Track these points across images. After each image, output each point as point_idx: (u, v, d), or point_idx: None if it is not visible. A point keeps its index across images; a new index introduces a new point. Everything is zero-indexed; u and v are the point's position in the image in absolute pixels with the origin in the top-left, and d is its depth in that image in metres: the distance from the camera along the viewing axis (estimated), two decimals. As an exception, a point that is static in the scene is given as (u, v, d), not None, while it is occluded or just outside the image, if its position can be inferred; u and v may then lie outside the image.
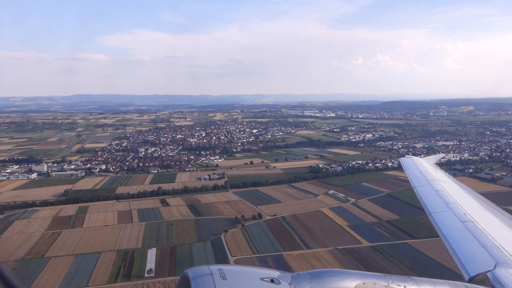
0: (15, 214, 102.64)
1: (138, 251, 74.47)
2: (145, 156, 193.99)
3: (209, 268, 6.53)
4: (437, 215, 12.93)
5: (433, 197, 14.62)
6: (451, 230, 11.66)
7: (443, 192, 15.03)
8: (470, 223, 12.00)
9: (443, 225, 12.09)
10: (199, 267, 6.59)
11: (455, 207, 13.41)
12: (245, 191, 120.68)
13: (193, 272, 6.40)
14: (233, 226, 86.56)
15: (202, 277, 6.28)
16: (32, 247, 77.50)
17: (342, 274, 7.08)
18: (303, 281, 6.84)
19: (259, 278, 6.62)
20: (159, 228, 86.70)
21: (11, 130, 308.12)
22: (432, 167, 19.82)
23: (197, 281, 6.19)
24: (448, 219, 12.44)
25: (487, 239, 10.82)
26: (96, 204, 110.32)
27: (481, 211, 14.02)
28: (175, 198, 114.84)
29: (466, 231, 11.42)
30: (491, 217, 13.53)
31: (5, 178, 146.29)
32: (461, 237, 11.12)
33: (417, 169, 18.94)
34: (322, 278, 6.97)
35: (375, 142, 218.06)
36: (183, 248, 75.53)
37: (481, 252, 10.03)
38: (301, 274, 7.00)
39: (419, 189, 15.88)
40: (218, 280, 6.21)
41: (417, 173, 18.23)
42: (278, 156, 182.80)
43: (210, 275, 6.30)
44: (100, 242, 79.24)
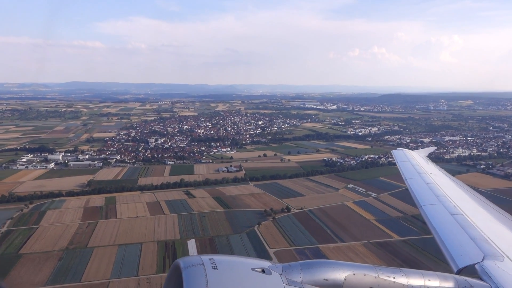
0: (43, 204, 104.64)
1: (177, 242, 77.25)
2: (156, 147, 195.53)
3: (200, 258, 6.61)
4: (428, 207, 13.01)
5: (424, 190, 14.75)
6: (440, 222, 11.76)
7: (434, 185, 15.17)
8: (459, 215, 12.12)
9: (433, 217, 12.19)
10: (191, 257, 6.72)
11: (445, 200, 13.52)
12: (265, 184, 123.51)
13: (184, 262, 6.52)
14: (264, 219, 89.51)
15: (193, 267, 6.37)
16: (72, 237, 79.88)
17: (332, 265, 7.30)
18: (294, 271, 6.96)
19: (250, 269, 6.72)
20: (192, 220, 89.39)
21: (15, 118, 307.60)
22: (423, 160, 20.12)
23: (188, 271, 6.28)
24: (438, 212, 12.53)
25: (476, 231, 10.94)
26: (121, 195, 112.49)
27: (471, 204, 14.20)
28: (198, 190, 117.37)
29: (455, 224, 11.53)
30: (481, 210, 13.71)
31: (23, 167, 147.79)
32: (450, 229, 11.25)
33: (409, 161, 19.15)
34: (312, 269, 7.12)
35: (382, 136, 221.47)
36: (221, 240, 78.47)
37: (469, 245, 10.18)
38: (292, 264, 7.18)
39: (410, 182, 16.05)
40: (210, 270, 6.30)
41: (408, 166, 18.46)
42: (288, 149, 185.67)
43: (201, 265, 6.40)
44: (138, 233, 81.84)
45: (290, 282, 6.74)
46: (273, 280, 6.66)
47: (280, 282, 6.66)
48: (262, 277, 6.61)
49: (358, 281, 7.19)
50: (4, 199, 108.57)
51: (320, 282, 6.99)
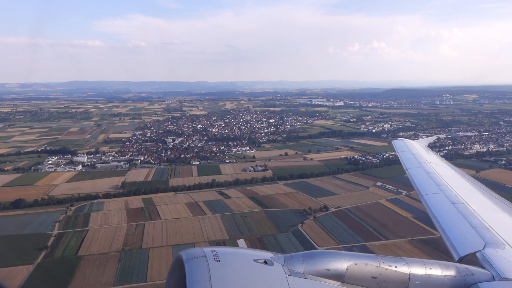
0: (84, 207, 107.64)
1: (228, 242, 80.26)
2: (175, 147, 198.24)
3: (202, 250, 6.69)
4: (428, 197, 13.09)
5: (425, 179, 14.84)
6: (441, 211, 11.81)
7: (434, 174, 15.20)
8: (460, 204, 12.11)
9: (434, 206, 12.26)
10: (193, 249, 6.78)
11: (446, 189, 13.51)
12: (294, 183, 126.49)
13: (187, 254, 6.59)
14: (305, 218, 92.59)
15: (196, 259, 6.44)
16: (125, 239, 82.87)
17: (334, 255, 7.33)
18: (296, 262, 7.01)
19: (252, 260, 6.77)
20: (235, 220, 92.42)
21: (28, 120, 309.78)
22: (424, 150, 20.14)
23: (191, 263, 6.35)
24: (439, 201, 12.56)
25: (477, 220, 10.92)
26: (156, 196, 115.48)
27: (472, 192, 14.25)
28: (230, 190, 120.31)
29: (456, 213, 11.52)
30: (482, 199, 13.73)
31: (52, 170, 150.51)
32: (451, 218, 11.25)
33: (409, 151, 19.18)
34: (314, 259, 7.16)
35: (396, 132, 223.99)
36: (269, 239, 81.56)
37: (471, 233, 10.16)
38: (294, 255, 7.23)
39: (411, 172, 16.19)
40: (212, 262, 6.36)
41: (409, 156, 18.53)
42: (305, 147, 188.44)
43: (204, 257, 6.47)
44: (187, 234, 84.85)
45: (292, 273, 6.83)
46: (275, 270, 6.75)
47: (282, 273, 6.74)
48: (264, 268, 6.70)
49: (360, 270, 7.29)
50: (44, 202, 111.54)
51: (322, 272, 7.08)
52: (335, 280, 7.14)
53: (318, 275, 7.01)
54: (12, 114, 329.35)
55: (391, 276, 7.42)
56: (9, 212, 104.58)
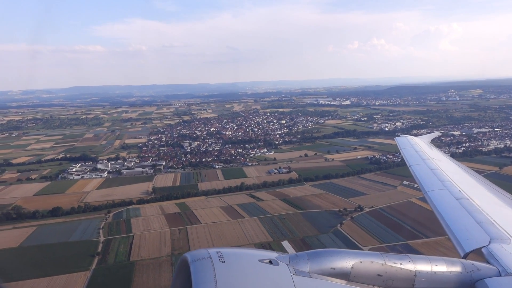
0: (121, 213, 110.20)
1: (272, 244, 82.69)
2: (193, 151, 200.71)
3: (207, 251, 6.73)
4: (433, 193, 13.10)
5: (429, 176, 14.90)
6: (446, 207, 11.81)
7: (438, 171, 15.22)
8: (465, 200, 12.11)
9: (438, 202, 12.28)
10: (198, 251, 6.85)
11: (450, 184, 13.53)
12: (321, 184, 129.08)
13: (192, 256, 6.65)
14: (342, 218, 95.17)
15: (201, 260, 6.49)
16: (172, 243, 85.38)
17: (339, 254, 7.38)
18: (301, 261, 7.05)
19: (258, 260, 6.80)
20: (274, 222, 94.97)
21: (40, 127, 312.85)
22: (427, 146, 20.14)
23: (196, 264, 6.40)
24: (444, 197, 12.57)
25: (482, 215, 10.90)
26: (189, 201, 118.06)
27: (476, 188, 14.29)
28: (260, 192, 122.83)
29: (461, 208, 11.51)
30: (486, 194, 13.78)
31: (79, 177, 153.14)
32: (456, 214, 11.26)
33: (412, 148, 19.25)
34: (320, 258, 7.21)
35: (409, 130, 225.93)
36: (312, 240, 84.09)
37: (476, 229, 10.15)
38: (299, 254, 7.27)
39: (414, 168, 16.17)
40: (217, 263, 6.39)
41: (412, 152, 18.58)
42: (321, 148, 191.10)
43: (209, 258, 6.51)
44: (231, 237, 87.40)
45: (297, 272, 6.85)
46: (281, 270, 6.77)
47: (287, 273, 6.77)
48: (269, 268, 6.73)
49: (365, 268, 7.33)
50: (80, 209, 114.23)
51: (328, 271, 7.11)
52: (341, 278, 7.22)
53: (323, 274, 7.08)
54: (24, 122, 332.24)
55: (397, 273, 7.50)
56: (48, 220, 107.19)
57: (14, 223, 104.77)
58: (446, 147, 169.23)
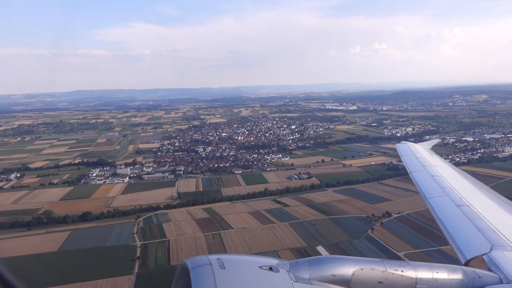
0: (149, 218, 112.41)
1: (308, 249, 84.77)
2: (208, 156, 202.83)
3: (208, 258, 6.73)
4: (433, 200, 13.18)
5: (429, 182, 14.96)
6: (447, 214, 11.81)
7: (439, 177, 15.28)
8: (466, 207, 12.09)
9: (439, 209, 12.30)
10: (198, 257, 6.85)
11: (451, 191, 13.57)
12: (343, 189, 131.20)
13: (192, 262, 6.65)
14: (371, 224, 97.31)
15: (201, 267, 6.49)
16: (208, 247, 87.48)
17: (340, 261, 7.37)
18: (302, 268, 7.04)
19: (258, 267, 6.81)
20: (305, 228, 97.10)
21: (51, 132, 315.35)
22: (427, 153, 20.11)
23: (196, 271, 6.41)
24: (444, 204, 12.60)
25: (483, 222, 10.88)
26: (216, 206, 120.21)
27: (477, 195, 14.23)
28: (284, 198, 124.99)
29: (462, 215, 11.50)
30: (487, 201, 13.69)
31: (101, 182, 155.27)
32: (457, 221, 11.22)
33: (413, 155, 19.31)
34: (320, 265, 7.20)
35: (421, 136, 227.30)
36: (346, 245, 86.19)
37: (477, 236, 10.14)
38: (299, 261, 7.28)
39: (415, 175, 16.21)
40: (217, 270, 6.40)
41: (412, 159, 18.62)
42: (337, 154, 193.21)
43: (209, 264, 6.51)
44: (265, 242, 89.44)
45: (298, 279, 6.85)
46: (281, 277, 6.78)
47: (288, 279, 6.77)
48: (270, 274, 6.74)
49: (366, 275, 7.32)
50: (110, 214, 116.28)
51: (328, 278, 7.10)
52: (341, 285, 7.23)
53: (324, 281, 7.08)
54: (34, 126, 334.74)
55: (398, 280, 7.49)
56: (79, 225, 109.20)
57: (46, 228, 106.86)
58: (461, 153, 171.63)
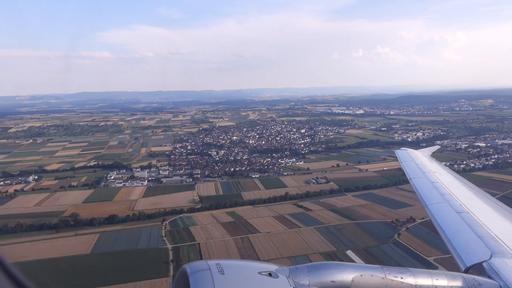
0: (175, 221, 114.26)
1: (337, 254, 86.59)
2: (222, 160, 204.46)
3: (207, 263, 6.76)
4: (433, 206, 13.15)
5: (429, 189, 14.89)
6: (447, 221, 11.81)
7: (438, 184, 15.28)
8: (465, 214, 12.10)
9: (439, 216, 12.28)
10: (197, 262, 6.90)
11: (451, 198, 13.58)
12: (362, 194, 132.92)
13: (191, 267, 6.68)
14: (397, 229, 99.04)
15: (200, 272, 6.51)
16: (239, 251, 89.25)
17: (339, 267, 7.40)
18: (301, 274, 7.10)
19: (257, 272, 6.85)
20: (331, 232, 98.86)
21: (62, 134, 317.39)
22: (427, 159, 20.15)
23: (195, 276, 6.43)
24: (444, 211, 12.59)
25: (483, 229, 10.91)
26: (238, 210, 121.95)
27: (476, 202, 14.21)
28: (305, 202, 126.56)
29: (462, 222, 11.50)
30: (487, 208, 13.68)
31: (121, 185, 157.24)
32: (457, 228, 11.24)
33: (413, 161, 19.34)
34: (319, 271, 7.23)
35: (432, 141, 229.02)
36: (375, 250, 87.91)
37: (477, 243, 10.14)
38: (298, 267, 7.33)
39: (415, 181, 16.19)
40: (216, 275, 6.44)
41: (412, 165, 18.63)
42: (351, 158, 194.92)
43: (208, 269, 6.55)
44: (294, 246, 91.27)
45: (297, 285, 6.86)
46: (280, 283, 6.79)
47: (287, 285, 6.78)
48: (269, 280, 6.76)
49: (365, 282, 7.35)
50: (135, 217, 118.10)
51: (328, 284, 7.12)
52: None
53: (323, 287, 7.11)
54: (45, 128, 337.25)
55: (397, 287, 7.51)
56: (106, 227, 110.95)
57: (74, 230, 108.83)
58: (475, 158, 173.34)
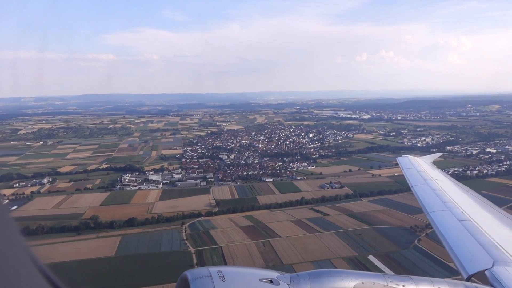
0: (193, 224, 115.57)
1: (360, 258, 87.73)
2: (233, 164, 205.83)
3: (208, 270, 6.80)
4: (435, 214, 13.14)
5: (431, 196, 14.92)
6: (449, 229, 11.81)
7: (440, 191, 15.30)
8: (467, 221, 12.09)
9: (441, 224, 12.28)
10: (198, 269, 6.96)
11: (453, 206, 13.59)
12: (377, 200, 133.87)
13: (192, 274, 6.72)
14: (416, 235, 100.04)
15: (201, 278, 6.51)
16: (262, 255, 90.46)
17: (340, 274, 7.41)
18: (302, 281, 7.07)
19: (258, 279, 6.86)
20: (351, 237, 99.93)
21: (71, 136, 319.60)
22: (429, 166, 20.26)
23: (196, 283, 6.42)
24: (446, 218, 12.58)
25: (485, 237, 10.91)
26: (255, 214, 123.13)
27: (478, 209, 14.23)
28: (321, 207, 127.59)
29: (464, 230, 11.51)
30: (489, 216, 13.68)
31: (136, 188, 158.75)
32: (459, 236, 11.24)
33: (414, 168, 19.33)
34: (321, 278, 7.22)
35: (442, 146, 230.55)
36: (396, 256, 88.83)
37: (479, 251, 10.15)
38: (300, 274, 7.32)
39: (416, 189, 16.25)
40: (217, 282, 6.42)
41: (414, 173, 18.66)
42: (362, 163, 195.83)
43: (209, 276, 6.55)
44: (316, 250, 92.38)
45: None
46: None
47: None
48: (270, 287, 6.74)
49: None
50: (154, 220, 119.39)
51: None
52: None
53: None
54: (54, 130, 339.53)
55: None
56: (126, 230, 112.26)
57: (95, 232, 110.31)
58: (487, 164, 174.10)
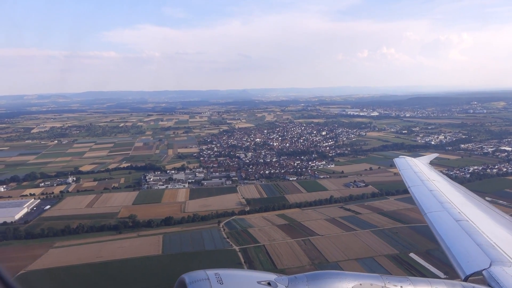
0: (229, 223, 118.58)
1: (401, 256, 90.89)
2: (252, 162, 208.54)
3: (205, 273, 6.86)
4: (432, 214, 13.27)
5: (428, 197, 15.01)
6: (446, 229, 11.95)
7: (437, 192, 15.39)
8: (464, 222, 12.18)
9: (438, 224, 12.41)
10: (196, 272, 6.98)
11: (450, 206, 13.69)
12: (404, 198, 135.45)
13: (189, 277, 6.75)
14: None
15: (199, 281, 6.59)
16: (305, 253, 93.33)
17: (339, 276, 7.50)
18: (300, 283, 7.13)
19: (256, 282, 6.96)
20: (388, 235, 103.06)
21: (85, 135, 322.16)
22: (426, 167, 20.50)
23: (194, 286, 6.49)
24: (443, 219, 12.70)
25: (482, 237, 10.99)
26: (288, 212, 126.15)
27: (475, 210, 14.28)
28: (350, 205, 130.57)
29: (461, 230, 11.61)
30: (486, 216, 13.73)
31: (164, 187, 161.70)
32: (456, 236, 11.34)
33: (411, 169, 19.70)
34: (319, 280, 7.29)
35: (455, 144, 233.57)
36: (436, 253, 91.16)
37: (476, 251, 10.24)
38: (298, 276, 7.37)
39: (413, 189, 16.39)
40: (215, 284, 6.50)
41: (411, 174, 19.00)
42: (380, 161, 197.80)
43: (207, 279, 6.62)
44: (358, 248, 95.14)
45: None
46: None
47: None
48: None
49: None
50: (190, 219, 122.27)
51: None
52: None
53: None
54: (67, 129, 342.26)
55: None
56: (164, 229, 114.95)
57: (134, 231, 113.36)
58: (505, 163, 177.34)
